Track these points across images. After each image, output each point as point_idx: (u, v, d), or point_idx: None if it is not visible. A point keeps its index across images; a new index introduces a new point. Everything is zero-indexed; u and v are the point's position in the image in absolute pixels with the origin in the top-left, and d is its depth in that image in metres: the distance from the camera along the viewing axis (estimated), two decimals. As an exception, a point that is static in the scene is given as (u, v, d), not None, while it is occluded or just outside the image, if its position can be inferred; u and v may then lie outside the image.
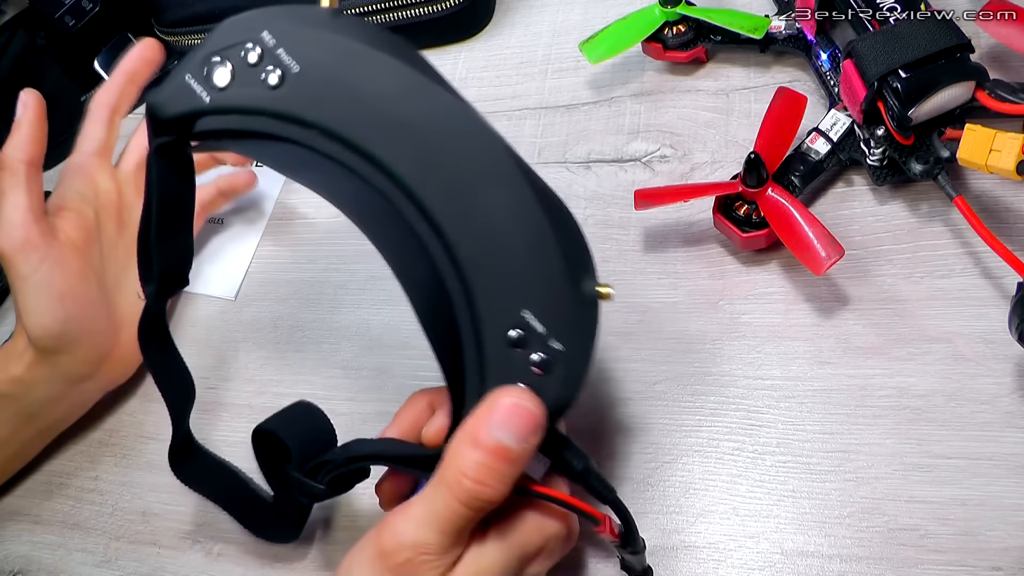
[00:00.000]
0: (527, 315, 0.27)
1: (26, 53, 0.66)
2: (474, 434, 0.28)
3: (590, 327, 0.28)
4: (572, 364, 0.28)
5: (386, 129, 0.28)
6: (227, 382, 0.48)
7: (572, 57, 0.53)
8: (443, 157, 0.28)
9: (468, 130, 0.28)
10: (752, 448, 0.37)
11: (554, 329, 0.27)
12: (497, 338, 0.27)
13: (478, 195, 0.27)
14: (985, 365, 0.36)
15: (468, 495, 0.28)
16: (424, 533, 0.28)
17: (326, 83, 0.28)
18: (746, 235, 0.40)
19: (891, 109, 0.38)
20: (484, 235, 0.27)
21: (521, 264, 0.27)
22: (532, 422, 0.28)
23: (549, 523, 0.31)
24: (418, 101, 0.28)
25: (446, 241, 0.28)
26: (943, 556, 0.33)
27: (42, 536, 0.46)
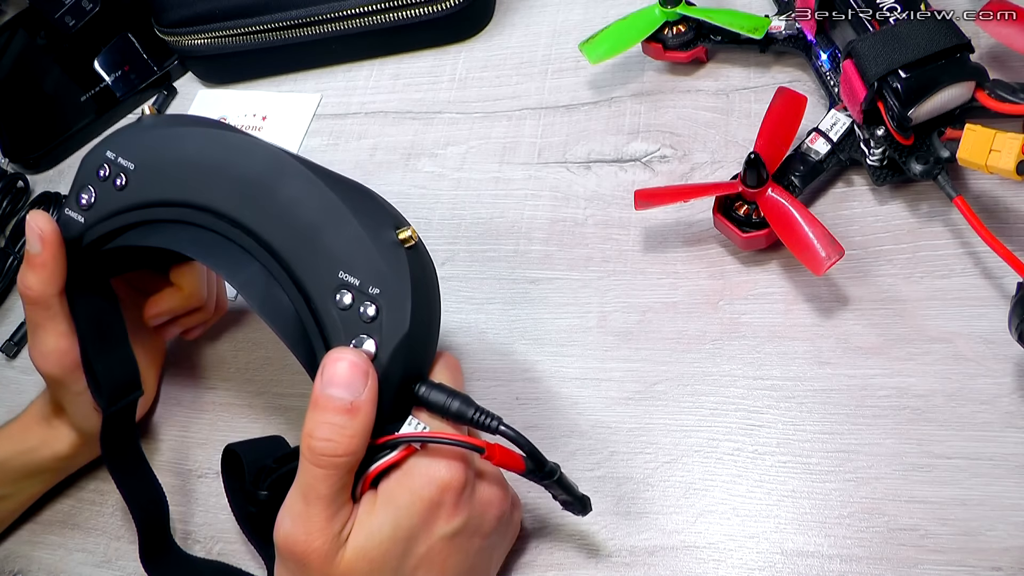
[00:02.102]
0: (343, 275, 0.31)
1: (26, 53, 0.66)
2: (314, 398, 0.30)
3: (400, 267, 0.31)
4: (393, 301, 0.31)
5: (202, 180, 0.34)
6: (227, 382, 0.48)
7: (572, 57, 0.53)
8: (246, 180, 0.33)
9: (259, 154, 0.34)
10: (752, 448, 0.37)
11: (367, 278, 0.31)
12: (328, 306, 0.31)
13: (276, 198, 0.33)
14: (985, 365, 0.36)
15: (318, 455, 0.29)
16: (300, 514, 0.30)
17: (154, 167, 0.36)
18: (746, 235, 0.40)
19: (891, 109, 0.38)
20: (291, 227, 0.32)
21: (324, 236, 0.32)
22: (356, 371, 0.29)
23: (437, 467, 0.30)
24: (218, 150, 0.34)
25: (264, 244, 0.33)
26: (943, 556, 0.33)
27: (42, 536, 0.46)
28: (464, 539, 0.32)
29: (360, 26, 0.56)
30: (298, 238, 0.32)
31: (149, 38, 0.62)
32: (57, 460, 0.44)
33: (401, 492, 0.30)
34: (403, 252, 0.31)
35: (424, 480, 0.30)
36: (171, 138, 0.36)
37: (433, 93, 0.55)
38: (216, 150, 0.34)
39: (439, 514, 0.31)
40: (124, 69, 0.63)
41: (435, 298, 0.34)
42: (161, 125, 0.37)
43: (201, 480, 0.45)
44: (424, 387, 0.32)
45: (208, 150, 0.34)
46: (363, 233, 0.31)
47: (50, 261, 0.37)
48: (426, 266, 0.33)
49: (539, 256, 0.46)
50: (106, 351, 0.40)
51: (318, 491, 0.29)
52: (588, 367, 0.42)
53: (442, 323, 0.45)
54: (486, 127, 0.52)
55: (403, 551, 0.30)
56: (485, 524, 0.33)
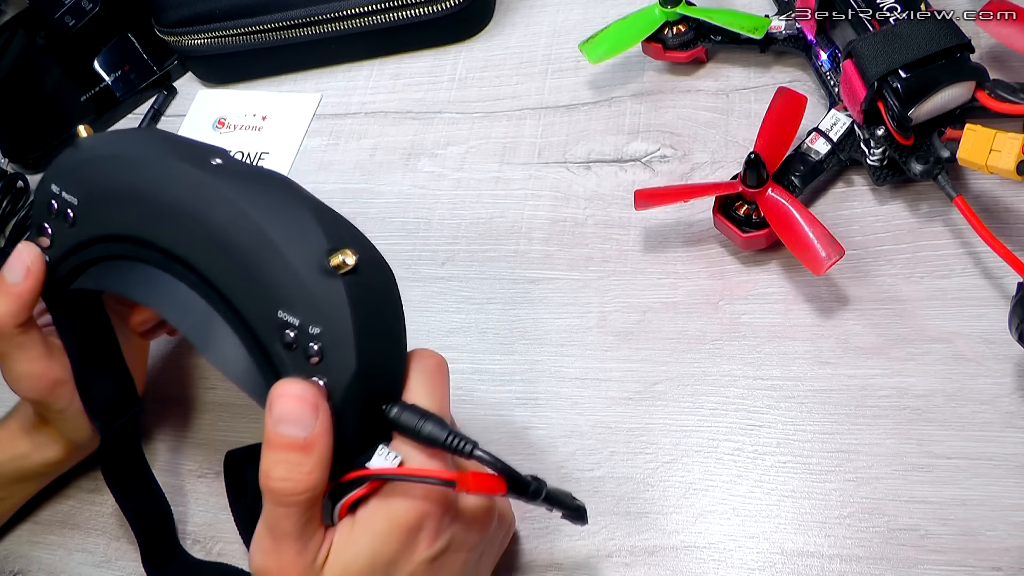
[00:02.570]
0: (282, 315, 0.29)
1: (26, 53, 0.66)
2: (266, 437, 0.28)
3: (337, 300, 0.29)
4: (335, 339, 0.28)
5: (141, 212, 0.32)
6: (227, 382, 0.47)
7: (572, 57, 0.53)
8: (177, 210, 0.31)
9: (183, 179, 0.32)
10: (752, 448, 0.37)
11: (305, 316, 0.29)
12: (276, 347, 0.29)
13: (209, 228, 0.31)
14: (985, 365, 0.36)
15: (278, 495, 0.28)
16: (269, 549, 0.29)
17: (96, 201, 0.34)
18: (746, 235, 0.40)
19: (891, 109, 0.38)
20: (227, 261, 0.30)
21: (259, 271, 0.29)
22: (304, 405, 0.28)
23: (415, 491, 0.29)
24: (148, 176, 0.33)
25: (208, 281, 0.31)
26: (943, 556, 0.33)
27: (42, 536, 0.46)
28: (448, 556, 0.31)
29: (360, 26, 0.56)
30: (236, 274, 0.30)
31: (149, 38, 0.62)
32: (48, 466, 0.43)
33: (378, 519, 0.29)
34: (339, 282, 0.29)
35: (402, 506, 0.29)
36: (106, 167, 0.34)
37: (433, 93, 0.55)
38: (146, 177, 0.33)
39: (420, 538, 0.30)
40: (124, 69, 0.63)
41: (391, 316, 0.31)
42: (97, 149, 0.35)
43: (201, 480, 0.45)
44: (395, 408, 0.30)
45: (140, 177, 0.33)
46: (293, 266, 0.29)
47: (25, 294, 0.36)
48: (373, 285, 0.31)
49: (539, 256, 0.46)
50: (99, 373, 0.39)
51: (283, 528, 0.28)
52: (588, 367, 0.42)
53: (442, 323, 0.45)
54: (486, 127, 0.52)
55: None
56: (470, 538, 0.32)
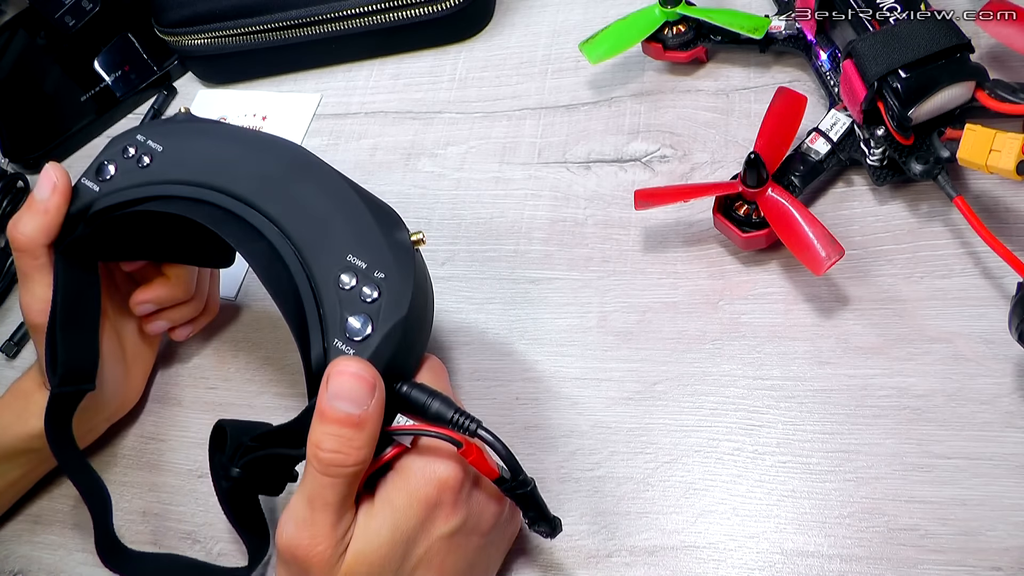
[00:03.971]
0: (351, 258, 0.33)
1: (26, 53, 0.66)
2: (320, 409, 0.29)
3: (406, 260, 0.33)
4: (395, 287, 0.32)
5: (225, 167, 0.36)
6: (227, 382, 0.48)
7: (572, 57, 0.53)
8: (268, 170, 0.36)
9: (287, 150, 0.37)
10: (752, 448, 0.37)
11: (374, 263, 0.32)
12: (329, 284, 0.32)
13: (296, 187, 0.35)
14: (985, 365, 0.36)
15: (327, 465, 0.29)
16: (304, 520, 0.29)
17: (182, 152, 0.38)
18: (746, 235, 0.40)
19: (891, 109, 0.38)
20: (306, 213, 0.34)
21: (338, 224, 0.34)
22: (366, 383, 0.29)
23: (434, 467, 0.30)
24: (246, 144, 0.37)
25: (277, 223, 0.34)
26: (943, 556, 0.33)
27: (42, 536, 0.46)
28: (463, 537, 0.32)
29: (360, 26, 0.56)
30: (311, 223, 0.34)
31: (149, 38, 0.62)
32: (31, 439, 0.42)
33: (398, 494, 0.30)
34: (411, 250, 0.33)
35: (421, 480, 0.30)
36: (202, 132, 0.38)
37: (433, 93, 0.55)
38: (244, 144, 0.37)
39: (437, 514, 0.31)
40: (124, 69, 0.63)
41: (430, 304, 0.35)
42: (195, 123, 0.39)
43: (201, 480, 0.45)
44: (406, 386, 0.32)
45: (236, 144, 0.37)
46: (376, 226, 0.33)
47: (52, 210, 0.37)
48: (426, 274, 0.35)
49: (539, 256, 0.46)
50: (73, 329, 0.40)
51: (325, 498, 0.29)
52: (588, 367, 0.42)
53: (442, 323, 0.45)
54: (486, 127, 0.52)
55: (402, 553, 0.30)
56: (484, 522, 0.33)
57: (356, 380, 0.29)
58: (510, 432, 0.41)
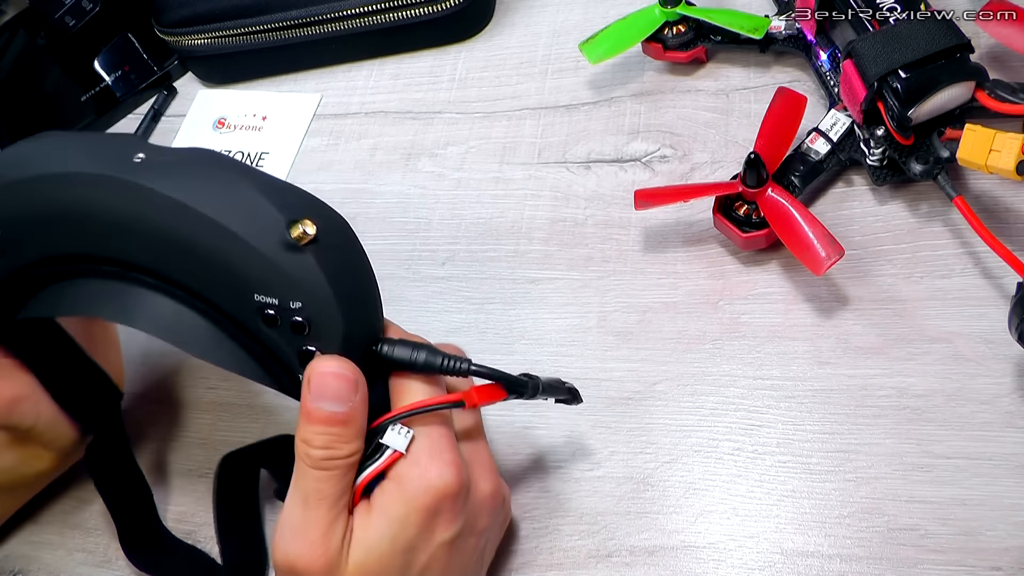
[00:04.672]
0: (259, 298, 0.29)
1: (26, 53, 0.66)
2: (306, 411, 0.29)
3: (308, 271, 0.29)
4: (318, 309, 0.29)
5: (82, 229, 0.31)
6: (227, 382, 0.48)
7: (572, 57, 0.53)
8: (118, 219, 0.30)
9: (114, 188, 0.30)
10: (752, 448, 0.37)
11: (282, 294, 0.29)
12: (263, 329, 0.30)
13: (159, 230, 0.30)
14: (985, 365, 0.36)
15: (319, 460, 0.29)
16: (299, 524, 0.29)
17: (23, 224, 0.32)
18: (746, 235, 0.40)
19: (891, 109, 0.38)
20: (190, 258, 0.30)
21: (224, 260, 0.29)
22: (347, 381, 0.29)
23: (430, 476, 0.30)
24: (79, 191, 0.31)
25: (177, 283, 0.30)
26: (943, 556, 0.33)
27: (42, 536, 0.46)
28: (463, 540, 0.32)
29: (360, 26, 0.55)
30: (201, 269, 0.30)
31: (149, 38, 0.62)
32: (40, 476, 0.43)
33: (395, 504, 0.30)
34: (306, 254, 0.29)
35: (419, 490, 0.30)
36: (20, 191, 0.32)
37: (433, 93, 0.55)
38: (72, 194, 0.31)
39: (437, 522, 0.30)
40: (124, 69, 0.63)
41: (361, 268, 0.32)
42: (5, 173, 0.32)
43: (201, 480, 0.45)
44: (386, 346, 0.31)
45: (65, 195, 0.31)
46: (257, 249, 0.29)
47: None
48: (337, 245, 0.31)
49: (539, 256, 0.46)
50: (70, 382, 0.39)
51: (321, 492, 0.29)
52: (588, 367, 0.42)
53: (442, 323, 0.45)
54: (486, 127, 0.52)
55: (404, 562, 0.30)
56: (481, 522, 0.33)
57: (336, 379, 0.29)
58: (510, 432, 0.41)
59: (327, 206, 0.32)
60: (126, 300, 0.31)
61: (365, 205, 0.51)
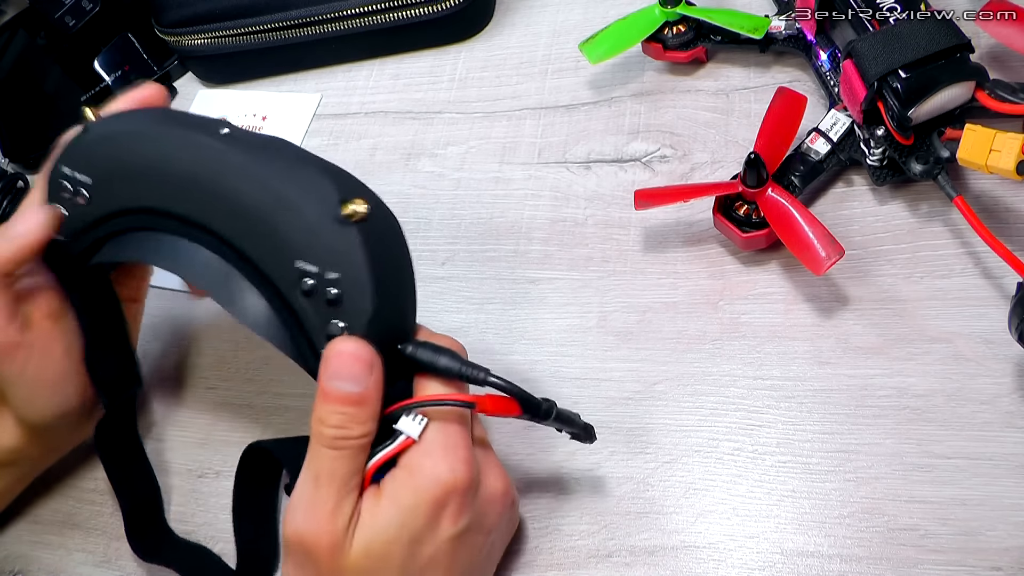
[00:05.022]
0: (300, 264, 0.30)
1: (26, 53, 0.66)
2: (322, 390, 0.30)
3: (352, 246, 0.30)
4: (353, 283, 0.30)
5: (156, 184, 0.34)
6: (227, 382, 0.48)
7: (572, 57, 0.53)
8: (190, 178, 0.33)
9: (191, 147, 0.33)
10: (752, 448, 0.37)
11: (323, 263, 0.30)
12: (296, 296, 0.31)
13: (221, 191, 0.32)
14: (985, 365, 0.36)
15: (333, 439, 0.30)
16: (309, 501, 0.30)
17: (110, 178, 0.35)
18: (746, 235, 0.40)
19: (891, 109, 0.38)
20: (243, 220, 0.32)
21: (274, 225, 0.31)
22: (363, 363, 0.30)
23: (442, 468, 0.30)
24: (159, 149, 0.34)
25: (228, 242, 0.32)
26: (943, 556, 0.33)
27: (42, 536, 0.46)
28: (470, 536, 0.32)
29: (360, 26, 0.56)
30: (252, 231, 0.32)
31: (149, 38, 0.62)
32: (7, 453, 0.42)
33: (405, 492, 0.30)
34: (352, 229, 0.30)
35: (429, 481, 0.30)
36: (118, 145, 0.35)
37: (433, 93, 0.55)
38: (159, 150, 0.34)
39: (444, 515, 0.31)
40: (124, 69, 0.63)
41: (402, 258, 0.33)
42: (107, 129, 0.36)
43: (201, 480, 0.45)
44: (410, 346, 0.32)
45: (152, 152, 0.34)
46: (308, 216, 0.31)
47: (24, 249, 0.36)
48: (383, 232, 0.32)
49: (539, 256, 0.46)
50: (107, 350, 0.41)
51: (332, 471, 0.30)
52: (588, 367, 0.42)
53: (442, 323, 0.45)
54: (486, 127, 0.52)
55: (409, 552, 0.30)
56: (488, 521, 0.33)
57: (353, 360, 0.30)
58: (509, 432, 0.41)
59: (383, 202, 0.33)
60: (183, 253, 0.34)
61: (365, 205, 0.51)
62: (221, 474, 0.45)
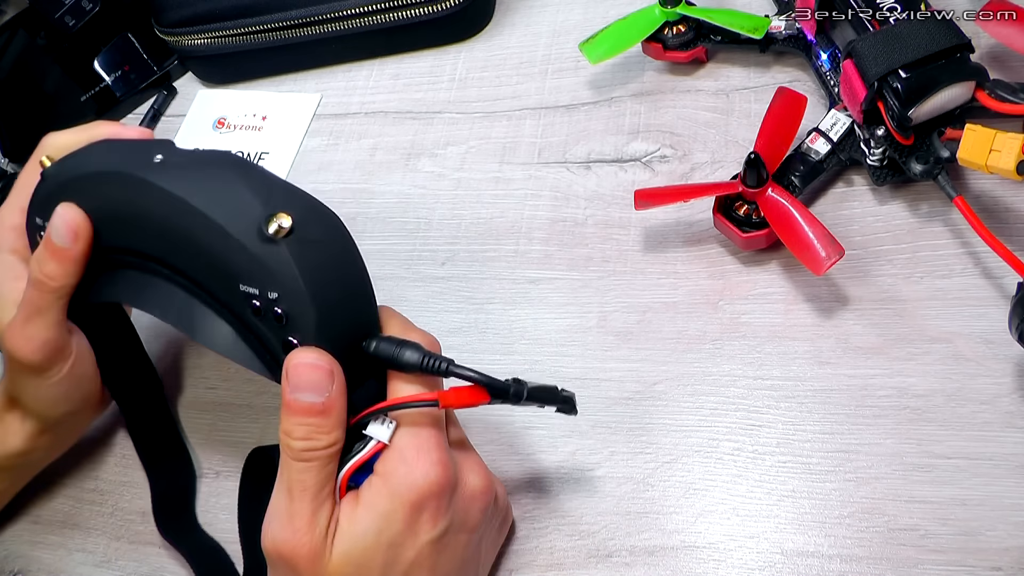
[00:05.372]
0: (243, 288, 0.30)
1: (26, 53, 0.66)
2: (285, 403, 0.30)
3: (282, 263, 0.30)
4: (292, 299, 0.30)
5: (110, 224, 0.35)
6: (227, 382, 0.48)
7: (572, 57, 0.53)
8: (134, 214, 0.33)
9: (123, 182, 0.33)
10: (752, 448, 0.37)
11: (261, 284, 0.30)
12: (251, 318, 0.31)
13: (163, 223, 0.32)
14: (985, 365, 0.36)
15: (300, 452, 0.29)
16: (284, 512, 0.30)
17: None
18: (746, 235, 0.40)
19: (891, 109, 0.38)
20: (187, 248, 0.32)
21: (213, 251, 0.31)
22: (322, 371, 0.29)
23: (416, 473, 0.30)
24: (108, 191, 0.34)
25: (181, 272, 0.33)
26: (943, 556, 0.33)
27: (42, 536, 0.46)
28: (451, 537, 0.32)
29: (360, 26, 0.56)
30: (198, 259, 0.32)
31: (149, 38, 0.62)
32: (10, 457, 0.42)
33: (381, 499, 0.30)
34: (280, 246, 0.30)
35: (404, 486, 0.30)
36: (68, 193, 0.36)
37: (433, 93, 0.55)
38: (100, 192, 0.35)
39: (422, 518, 0.30)
40: (124, 69, 0.63)
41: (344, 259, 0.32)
42: (59, 176, 0.36)
43: (201, 480, 0.45)
44: (373, 342, 0.31)
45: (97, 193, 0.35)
46: (236, 240, 0.30)
47: (79, 257, 0.36)
48: (318, 238, 0.31)
49: (539, 256, 0.46)
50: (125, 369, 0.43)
51: (304, 483, 0.30)
52: (588, 367, 0.42)
53: (443, 323, 0.45)
54: (486, 127, 0.52)
55: (390, 557, 0.30)
56: (471, 519, 0.33)
57: (311, 369, 0.29)
58: (510, 432, 0.41)
59: (318, 203, 0.32)
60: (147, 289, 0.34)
61: (365, 205, 0.51)
62: (221, 474, 0.45)
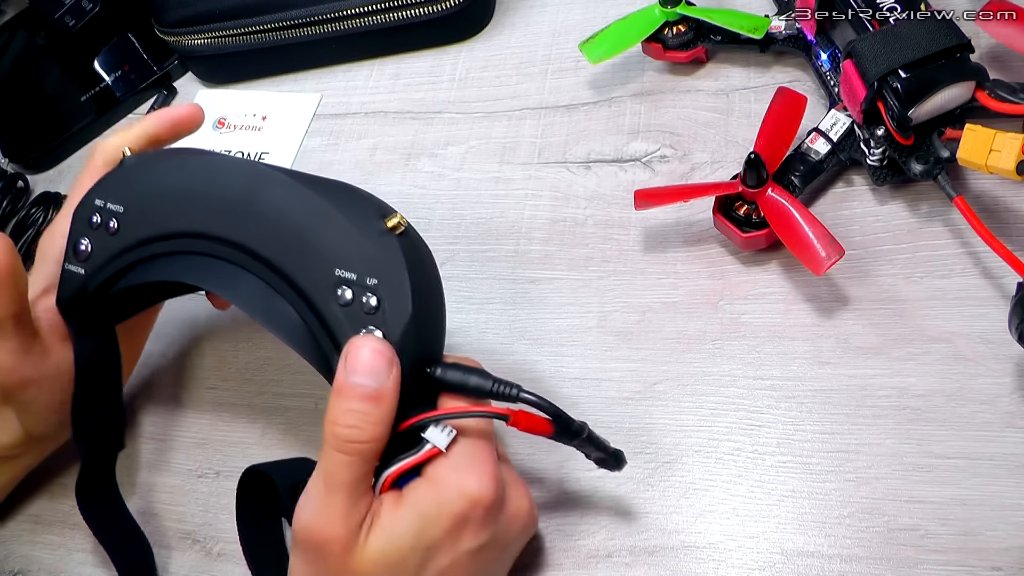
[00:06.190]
0: (339, 272, 0.31)
1: (26, 53, 0.66)
2: (338, 386, 0.29)
3: (393, 254, 0.31)
4: (392, 288, 0.31)
5: (189, 208, 0.35)
6: (227, 382, 0.48)
7: (572, 57, 0.53)
8: (229, 198, 0.34)
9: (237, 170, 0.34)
10: (752, 448, 0.37)
11: (363, 269, 0.31)
12: (330, 305, 0.31)
13: (262, 209, 0.33)
14: (985, 365, 0.36)
15: (343, 441, 0.29)
16: (320, 501, 0.29)
17: (142, 205, 0.36)
18: (746, 235, 0.40)
19: (891, 109, 0.38)
20: (281, 235, 0.32)
21: (315, 237, 0.32)
22: (381, 359, 0.29)
23: (468, 482, 0.30)
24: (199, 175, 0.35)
25: (258, 256, 0.33)
26: (943, 556, 0.33)
27: (42, 536, 0.46)
28: (488, 552, 0.32)
29: (360, 26, 0.56)
30: (290, 244, 0.32)
31: (149, 38, 0.62)
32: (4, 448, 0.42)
33: (428, 502, 0.30)
34: (394, 239, 0.31)
35: (454, 494, 0.30)
36: (154, 174, 0.36)
37: (433, 93, 0.55)
38: (197, 176, 0.35)
39: (465, 529, 0.30)
40: (124, 69, 0.63)
41: (435, 280, 0.34)
42: (143, 164, 0.37)
43: (201, 480, 0.45)
44: (440, 368, 0.32)
45: (190, 178, 0.35)
46: (351, 227, 0.31)
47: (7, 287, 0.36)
48: (420, 249, 0.33)
49: (539, 256, 0.46)
50: (98, 402, 0.40)
51: (340, 477, 0.29)
52: (588, 367, 0.42)
53: (442, 323, 0.45)
54: (486, 127, 0.52)
55: (423, 560, 0.30)
56: (508, 537, 0.33)
57: (373, 353, 0.29)
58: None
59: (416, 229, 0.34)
60: (214, 271, 0.34)
61: (365, 205, 0.51)
62: (221, 474, 0.45)
